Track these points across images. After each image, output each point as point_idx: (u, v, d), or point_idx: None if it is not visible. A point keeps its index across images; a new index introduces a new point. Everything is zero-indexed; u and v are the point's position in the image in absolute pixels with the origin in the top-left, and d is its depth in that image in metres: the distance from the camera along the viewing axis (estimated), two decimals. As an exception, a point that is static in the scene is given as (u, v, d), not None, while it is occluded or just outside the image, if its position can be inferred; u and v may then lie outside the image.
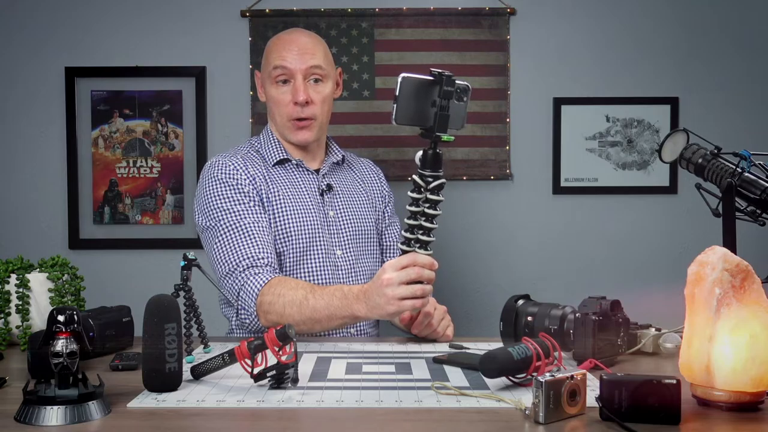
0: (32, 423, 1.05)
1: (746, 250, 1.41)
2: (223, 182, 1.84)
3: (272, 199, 1.87)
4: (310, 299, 1.60)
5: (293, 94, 1.87)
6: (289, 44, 1.89)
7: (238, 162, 1.88)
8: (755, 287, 1.11)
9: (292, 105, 1.88)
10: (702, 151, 1.63)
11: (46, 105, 2.78)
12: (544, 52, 2.77)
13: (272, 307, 1.65)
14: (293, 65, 1.87)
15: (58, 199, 2.78)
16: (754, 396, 1.10)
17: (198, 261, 1.50)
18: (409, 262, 1.45)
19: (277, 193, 1.88)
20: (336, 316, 1.58)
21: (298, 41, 1.90)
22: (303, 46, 1.89)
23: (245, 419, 1.11)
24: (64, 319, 1.11)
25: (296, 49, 1.88)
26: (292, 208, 1.88)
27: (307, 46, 1.89)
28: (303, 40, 1.90)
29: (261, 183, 1.87)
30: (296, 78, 1.87)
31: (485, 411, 1.12)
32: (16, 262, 1.61)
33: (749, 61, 2.76)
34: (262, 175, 1.89)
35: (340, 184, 1.99)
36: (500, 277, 2.77)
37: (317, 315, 1.59)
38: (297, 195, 1.90)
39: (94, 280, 2.07)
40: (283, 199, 1.88)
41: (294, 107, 1.88)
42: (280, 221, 1.86)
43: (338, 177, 2.00)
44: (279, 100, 1.90)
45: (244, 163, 1.89)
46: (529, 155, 2.77)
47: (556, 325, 1.41)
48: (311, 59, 1.87)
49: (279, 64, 1.87)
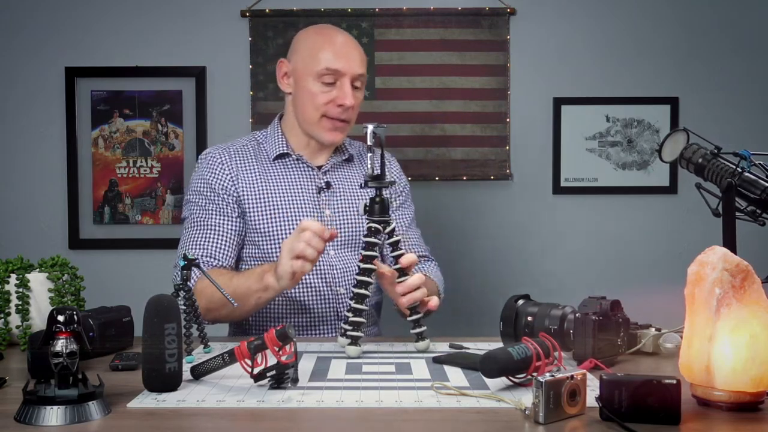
0: (32, 423, 1.05)
1: (746, 250, 1.41)
2: (204, 179, 1.90)
3: (262, 195, 1.88)
4: (234, 279, 1.73)
5: (341, 96, 1.87)
6: (343, 47, 1.90)
7: (225, 158, 1.91)
8: (755, 287, 1.11)
9: (335, 106, 1.88)
10: (702, 151, 1.63)
11: (46, 105, 2.78)
12: (544, 52, 2.77)
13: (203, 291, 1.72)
14: (346, 70, 1.87)
15: (58, 199, 2.78)
16: (754, 396, 1.10)
17: (198, 261, 1.50)
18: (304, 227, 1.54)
19: (270, 189, 1.89)
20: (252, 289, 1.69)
21: (350, 45, 1.91)
22: (355, 53, 1.91)
23: (245, 419, 1.11)
24: (64, 319, 1.11)
25: (350, 55, 1.89)
26: (284, 205, 1.88)
27: (358, 54, 1.91)
28: (354, 47, 1.92)
29: (245, 180, 1.89)
30: (344, 82, 1.87)
31: (485, 411, 1.12)
32: (16, 262, 1.61)
33: (749, 61, 2.76)
34: (251, 171, 1.91)
35: (343, 182, 1.97)
36: (500, 276, 2.77)
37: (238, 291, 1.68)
38: (292, 192, 1.90)
39: (94, 280, 2.06)
40: (275, 195, 1.89)
41: (336, 108, 1.88)
42: (270, 218, 1.86)
43: (342, 175, 1.98)
44: (320, 97, 1.89)
45: (231, 160, 1.91)
46: (529, 155, 2.77)
47: (556, 325, 1.41)
48: (361, 67, 1.90)
49: (332, 67, 1.87)
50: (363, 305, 1.51)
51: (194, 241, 1.85)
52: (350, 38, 1.95)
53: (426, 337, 1.56)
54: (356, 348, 1.47)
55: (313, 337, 1.79)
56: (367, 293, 1.51)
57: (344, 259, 1.89)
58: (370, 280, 1.52)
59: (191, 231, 1.87)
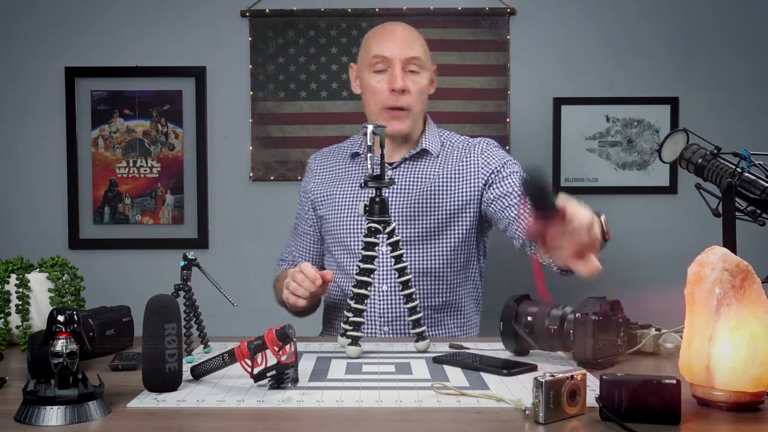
0: (32, 423, 1.05)
1: (746, 250, 1.41)
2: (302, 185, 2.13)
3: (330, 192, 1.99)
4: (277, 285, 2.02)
5: (390, 81, 1.86)
6: (390, 34, 1.90)
7: (314, 165, 2.08)
8: (755, 287, 1.11)
9: (388, 93, 1.86)
10: (702, 151, 1.63)
11: (46, 105, 2.78)
12: (544, 52, 2.77)
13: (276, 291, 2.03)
14: (392, 54, 1.86)
15: (58, 199, 2.78)
16: (754, 396, 1.10)
17: (198, 261, 1.50)
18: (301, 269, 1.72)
19: (337, 186, 1.98)
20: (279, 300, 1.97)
21: (397, 32, 1.91)
22: (403, 36, 1.90)
23: (245, 419, 1.11)
24: (64, 319, 1.10)
25: (396, 39, 1.89)
26: (346, 202, 1.95)
27: (407, 37, 1.90)
28: (403, 31, 1.92)
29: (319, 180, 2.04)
30: (394, 67, 1.86)
31: (485, 411, 1.12)
32: (16, 262, 1.61)
33: (749, 61, 2.76)
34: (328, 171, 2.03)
35: (412, 178, 1.91)
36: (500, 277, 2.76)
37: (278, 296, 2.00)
38: (356, 189, 1.95)
39: (94, 280, 2.07)
40: (342, 193, 1.96)
41: (390, 95, 1.86)
42: (333, 214, 1.96)
43: (414, 171, 1.93)
44: (375, 88, 1.89)
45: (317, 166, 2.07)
46: (529, 155, 2.77)
47: (556, 325, 1.41)
48: (410, 50, 1.88)
49: (378, 53, 1.87)
50: (363, 305, 1.51)
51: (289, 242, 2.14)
52: (399, 24, 1.95)
53: (426, 337, 1.56)
54: (356, 348, 1.47)
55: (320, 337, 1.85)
56: (367, 293, 1.51)
57: None
58: (370, 280, 1.52)
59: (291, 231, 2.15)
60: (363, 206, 1.54)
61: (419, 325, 1.56)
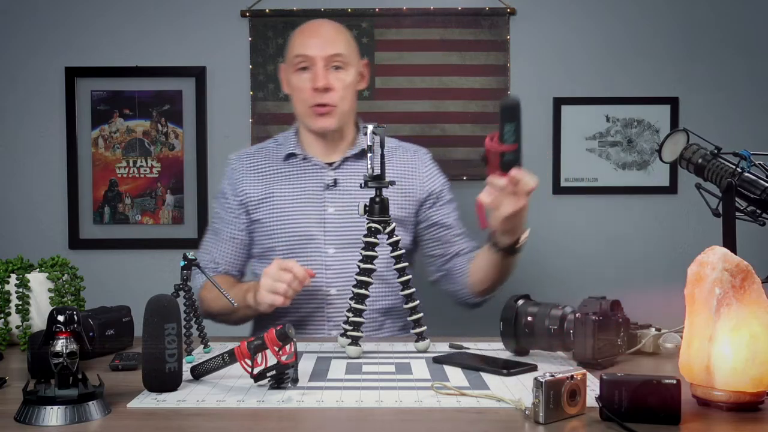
0: (32, 423, 1.05)
1: (746, 250, 1.41)
2: (223, 189, 2.00)
3: (266, 194, 1.91)
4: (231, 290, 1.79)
5: (313, 80, 1.86)
6: (311, 33, 1.90)
7: (241, 166, 1.98)
8: (755, 287, 1.11)
9: (312, 91, 1.86)
10: (702, 151, 1.63)
11: (46, 105, 2.78)
12: (544, 52, 2.77)
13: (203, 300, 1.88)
14: (314, 52, 1.86)
15: (58, 199, 2.78)
16: (754, 396, 1.10)
17: (198, 261, 1.50)
18: (288, 267, 1.62)
19: (275, 189, 1.92)
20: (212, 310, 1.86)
21: (319, 30, 1.91)
22: (325, 34, 1.89)
23: (245, 419, 1.11)
24: (64, 319, 1.11)
25: (318, 37, 1.89)
26: (287, 204, 1.89)
27: (329, 34, 1.89)
28: (325, 29, 1.91)
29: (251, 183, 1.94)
30: (317, 65, 1.86)
31: (485, 411, 1.12)
32: (16, 262, 1.61)
33: (749, 61, 2.76)
34: (260, 174, 1.94)
35: (354, 179, 1.91)
36: (500, 277, 2.76)
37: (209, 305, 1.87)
38: (296, 190, 1.91)
39: (94, 280, 2.07)
40: (280, 194, 1.91)
41: (314, 93, 1.86)
42: (273, 217, 1.90)
43: (356, 171, 1.92)
44: (299, 87, 1.89)
45: (246, 167, 1.97)
46: (529, 155, 2.76)
47: (556, 325, 1.41)
48: (332, 47, 1.87)
49: (300, 52, 1.88)
50: (363, 305, 1.51)
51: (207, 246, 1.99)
52: (323, 21, 1.96)
53: (426, 337, 1.56)
54: (356, 348, 1.47)
55: (320, 337, 1.81)
56: (367, 293, 1.51)
57: (342, 260, 1.87)
58: (370, 280, 1.52)
59: (208, 236, 2.01)
60: (363, 206, 1.54)
61: (419, 325, 1.56)
